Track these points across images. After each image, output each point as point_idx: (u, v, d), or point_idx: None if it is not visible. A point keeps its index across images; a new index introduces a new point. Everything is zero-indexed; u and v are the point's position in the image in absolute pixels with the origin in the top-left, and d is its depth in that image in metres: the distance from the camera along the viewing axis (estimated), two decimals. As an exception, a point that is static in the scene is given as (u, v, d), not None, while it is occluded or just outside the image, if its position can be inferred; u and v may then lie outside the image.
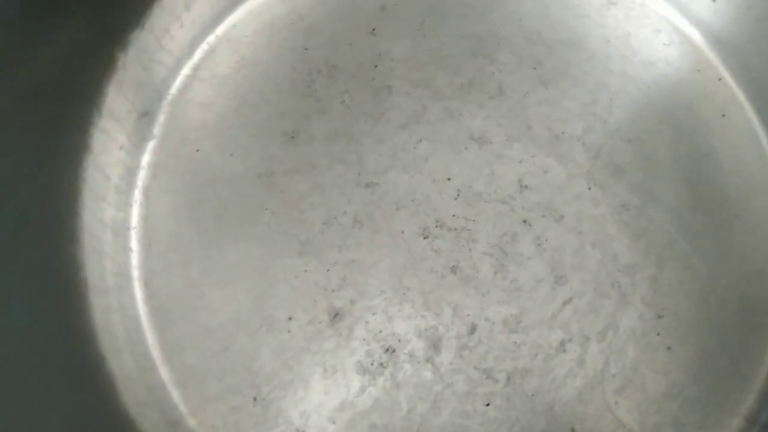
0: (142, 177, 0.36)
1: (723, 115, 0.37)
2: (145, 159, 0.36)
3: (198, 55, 0.38)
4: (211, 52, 0.38)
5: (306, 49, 0.38)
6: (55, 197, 0.32)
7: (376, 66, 0.38)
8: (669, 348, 0.33)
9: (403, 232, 0.35)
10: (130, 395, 0.32)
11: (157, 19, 0.36)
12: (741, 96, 0.37)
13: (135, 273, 0.35)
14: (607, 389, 0.32)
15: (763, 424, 0.32)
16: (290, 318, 0.34)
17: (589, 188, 0.35)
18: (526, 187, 0.36)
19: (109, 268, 0.34)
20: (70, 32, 0.32)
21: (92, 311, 0.32)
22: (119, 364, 0.32)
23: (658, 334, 0.33)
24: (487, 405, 0.32)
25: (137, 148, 0.36)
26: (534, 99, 0.37)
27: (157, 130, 0.37)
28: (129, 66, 0.35)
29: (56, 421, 0.28)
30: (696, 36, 0.39)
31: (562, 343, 0.33)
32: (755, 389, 0.33)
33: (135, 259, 0.35)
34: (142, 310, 0.34)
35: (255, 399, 0.33)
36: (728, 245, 0.35)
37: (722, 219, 0.35)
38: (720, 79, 0.38)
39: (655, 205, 0.35)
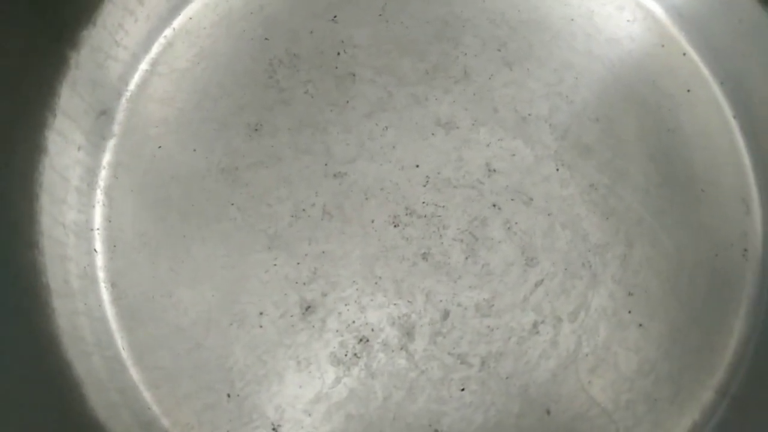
0: (103, 177, 0.36)
1: (688, 90, 0.37)
2: (106, 158, 0.36)
3: (155, 49, 0.38)
4: (169, 45, 0.38)
5: (266, 39, 0.38)
6: (10, 203, 0.31)
7: (338, 53, 0.38)
8: (640, 325, 0.34)
9: (373, 221, 0.35)
10: (100, 399, 0.32)
11: (109, 15, 0.36)
12: (705, 71, 0.38)
13: (101, 275, 0.34)
14: (580, 369, 0.33)
15: (733, 396, 0.33)
16: (261, 313, 0.34)
17: (557, 169, 0.36)
18: (495, 170, 0.36)
19: (73, 271, 0.33)
20: (16, 32, 0.31)
21: (56, 316, 0.32)
22: (88, 367, 0.32)
23: (629, 312, 0.34)
24: (462, 390, 0.33)
25: (97, 148, 0.36)
26: (499, 81, 0.37)
27: (116, 128, 0.37)
28: (82, 65, 0.35)
29: (25, 427, 0.28)
30: (659, 11, 0.39)
31: (535, 325, 0.33)
32: (725, 362, 0.34)
33: (100, 261, 0.35)
34: (109, 311, 0.34)
35: (229, 395, 0.33)
36: (696, 221, 0.35)
37: (689, 194, 0.36)
38: (684, 54, 0.38)
39: (624, 183, 0.36)
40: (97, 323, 0.33)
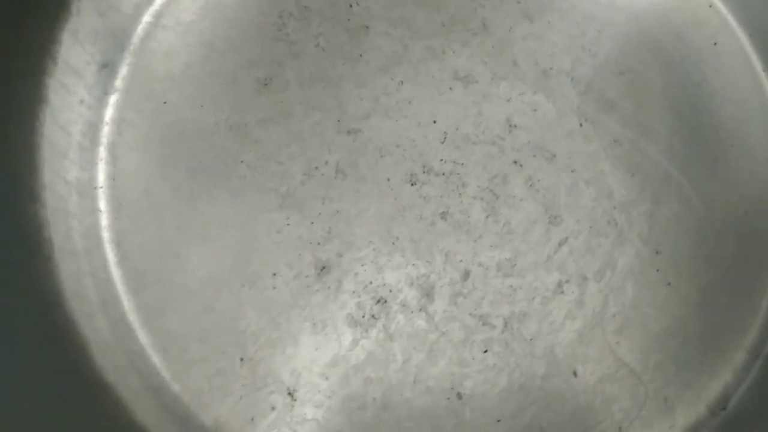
0: (106, 133, 0.34)
1: (714, 43, 0.36)
2: (109, 114, 0.34)
3: (159, 0, 0.36)
4: (173, -4, 0.36)
5: (275, -10, 0.36)
6: (11, 153, 0.30)
7: (351, 5, 0.36)
8: (668, 284, 0.33)
9: (388, 179, 0.34)
10: (107, 361, 0.31)
11: (112, -43, 0.34)
12: (732, 22, 0.36)
13: (105, 234, 0.33)
14: (607, 329, 0.32)
15: (766, 356, 0.32)
16: (274, 274, 0.32)
17: (581, 124, 0.34)
18: (515, 126, 0.34)
19: (76, 229, 0.32)
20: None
21: (60, 274, 0.31)
22: (93, 329, 0.31)
23: (657, 271, 0.33)
24: (485, 352, 0.32)
25: (99, 102, 0.34)
26: (519, 34, 0.36)
27: (119, 82, 0.35)
28: (84, 12, 0.33)
29: (27, 389, 0.26)
30: (683, -38, 0.38)
31: (560, 285, 0.32)
32: (758, 322, 0.33)
33: (104, 220, 0.33)
34: (115, 273, 0.33)
35: (242, 359, 0.32)
36: (724, 176, 0.34)
37: (717, 150, 0.35)
38: (710, 5, 0.37)
39: (649, 138, 0.34)
40: (102, 284, 0.32)
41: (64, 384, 0.29)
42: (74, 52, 0.33)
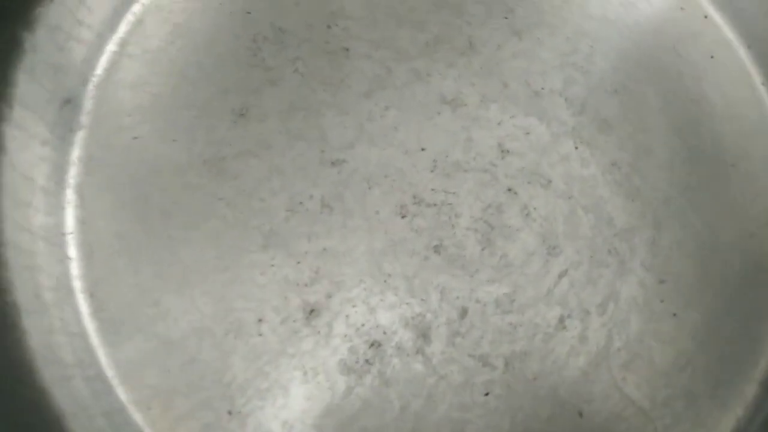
0: (73, 174, 0.32)
1: (711, 57, 0.35)
2: (75, 153, 0.32)
3: (123, 27, 0.34)
4: (139, 23, 0.34)
5: (248, 12, 0.34)
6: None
7: (329, 27, 0.34)
8: (674, 315, 0.31)
9: (377, 212, 0.32)
10: (85, 427, 0.28)
11: (67, -11, 0.31)
12: (729, 34, 0.35)
13: (77, 284, 0.31)
14: (612, 365, 0.31)
15: (778, 387, 0.31)
16: (260, 320, 0.31)
17: (576, 147, 0.33)
18: (508, 151, 0.33)
19: (44, 283, 0.30)
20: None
21: (27, 338, 0.28)
22: (68, 393, 0.29)
23: (662, 301, 0.31)
24: (486, 394, 0.30)
25: (63, 141, 0.32)
26: (508, 52, 0.34)
27: (84, 118, 0.33)
28: (40, 47, 0.31)
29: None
30: (676, -30, 0.36)
31: (561, 320, 0.31)
32: (767, 352, 0.31)
33: (75, 269, 0.31)
34: (89, 326, 0.31)
35: (230, 413, 0.30)
36: (727, 198, 0.33)
37: (719, 169, 0.33)
38: (706, 16, 0.35)
39: (648, 160, 0.33)
40: (76, 340, 0.30)
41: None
42: (32, 92, 0.31)
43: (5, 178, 0.29)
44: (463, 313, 0.31)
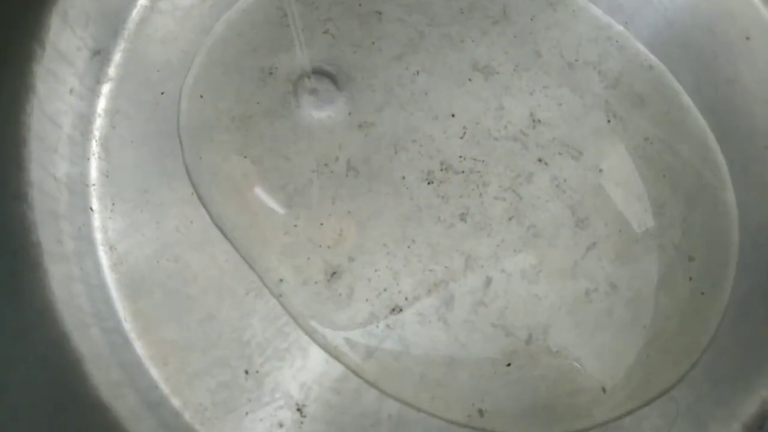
0: (99, 126, 0.31)
1: (747, 38, 0.34)
2: (101, 105, 0.32)
3: (155, -19, 0.33)
4: (171, -23, 0.33)
5: (281, -29, 0.33)
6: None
7: (362, -10, 0.33)
8: (702, 293, 0.30)
9: (404, 177, 0.31)
10: (102, 376, 0.28)
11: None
12: (766, 15, 0.34)
13: (98, 236, 0.30)
14: (638, 342, 0.30)
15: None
16: (281, 280, 0.30)
17: (609, 121, 0.32)
18: (539, 121, 0.32)
19: (66, 230, 0.29)
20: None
21: (50, 281, 0.28)
22: (86, 341, 0.28)
23: (690, 279, 0.30)
24: (509, 365, 0.29)
25: (91, 92, 0.31)
26: (542, 23, 0.33)
27: (113, 71, 0.32)
28: (74, -8, 0.30)
29: (17, 409, 0.24)
30: (715, -51, 0.35)
31: (587, 293, 0.30)
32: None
33: (97, 221, 0.30)
34: (109, 278, 0.30)
35: (247, 372, 0.29)
36: (759, 178, 0.32)
37: (751, 150, 0.32)
38: (744, -4, 0.34)
39: (680, 137, 0.32)
40: (96, 291, 0.29)
41: (58, 403, 0.26)
42: (63, 37, 0.30)
43: (33, 118, 0.29)
44: (488, 282, 0.30)
